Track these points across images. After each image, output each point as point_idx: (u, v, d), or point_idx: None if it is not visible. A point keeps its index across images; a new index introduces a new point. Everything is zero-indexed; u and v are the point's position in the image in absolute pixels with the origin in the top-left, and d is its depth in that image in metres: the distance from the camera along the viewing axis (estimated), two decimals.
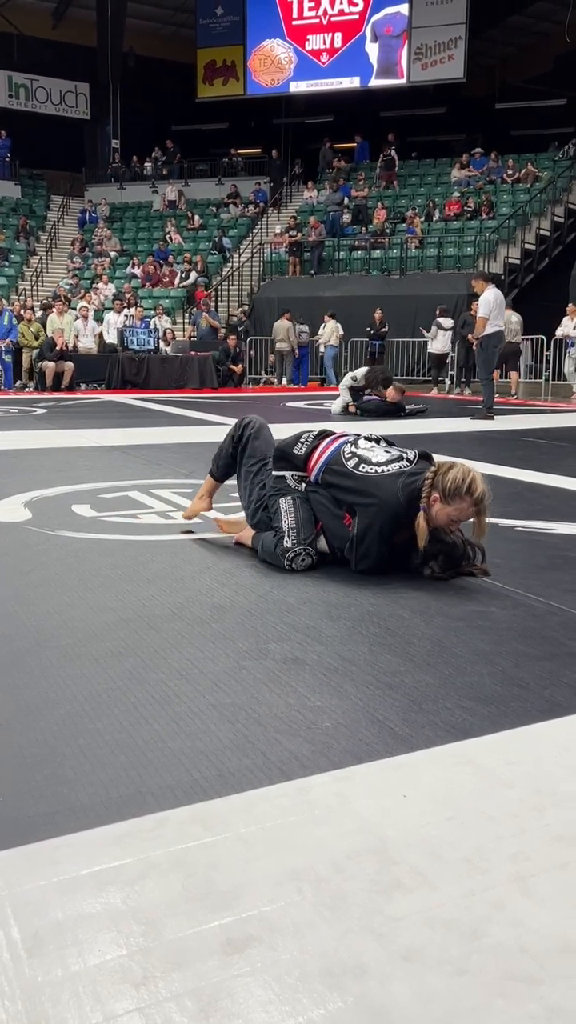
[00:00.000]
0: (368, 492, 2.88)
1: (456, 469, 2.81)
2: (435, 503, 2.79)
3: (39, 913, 1.20)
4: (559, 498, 4.69)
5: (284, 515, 3.06)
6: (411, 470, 2.90)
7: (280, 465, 3.17)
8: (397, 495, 2.82)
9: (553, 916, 1.20)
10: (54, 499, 4.35)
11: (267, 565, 3.10)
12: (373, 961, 1.11)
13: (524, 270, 20.12)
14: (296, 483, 3.12)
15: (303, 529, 3.04)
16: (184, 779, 1.56)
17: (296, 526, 3.04)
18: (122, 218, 24.62)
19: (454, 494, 2.76)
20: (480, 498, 2.78)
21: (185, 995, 1.05)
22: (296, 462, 3.12)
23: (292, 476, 3.13)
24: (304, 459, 3.11)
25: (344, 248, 20.94)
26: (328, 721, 1.81)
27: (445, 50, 23.06)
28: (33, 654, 2.18)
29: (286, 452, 3.17)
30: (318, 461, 3.07)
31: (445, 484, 2.77)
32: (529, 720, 1.83)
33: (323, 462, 3.05)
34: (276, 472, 3.18)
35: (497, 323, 9.57)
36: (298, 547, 3.01)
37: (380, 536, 2.87)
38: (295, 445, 3.16)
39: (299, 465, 3.12)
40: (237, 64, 25.23)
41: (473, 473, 2.80)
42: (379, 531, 2.86)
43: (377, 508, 2.85)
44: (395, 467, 2.92)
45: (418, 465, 2.93)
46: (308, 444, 3.14)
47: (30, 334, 14.83)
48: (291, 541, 3.02)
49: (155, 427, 8.51)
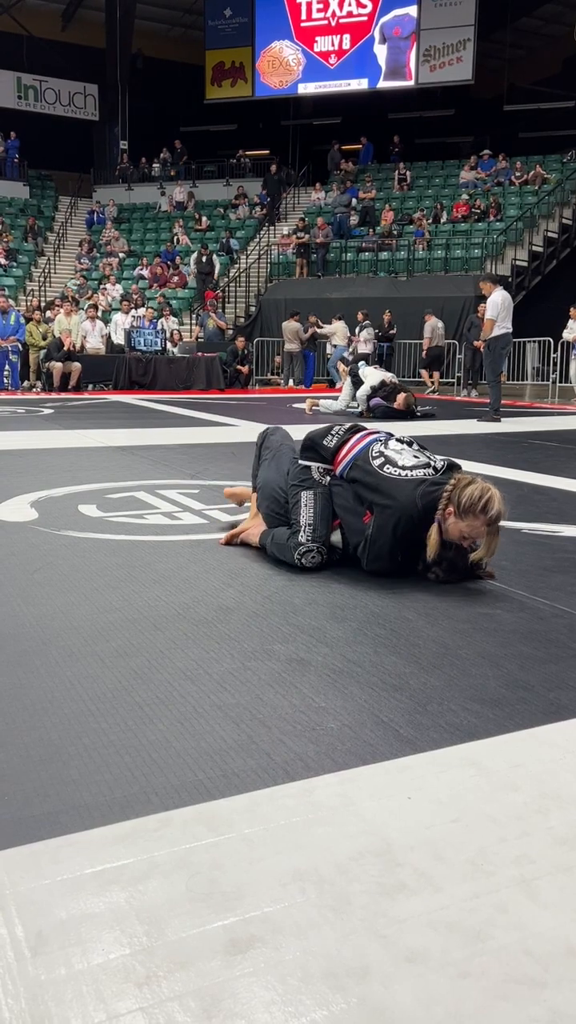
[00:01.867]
0: (388, 493, 2.87)
1: (475, 486, 2.77)
2: (449, 516, 2.77)
3: (43, 912, 1.20)
4: (566, 501, 4.68)
5: (304, 509, 3.04)
6: (434, 479, 2.88)
7: (308, 455, 3.13)
8: (415, 501, 2.80)
9: (557, 919, 1.20)
10: (60, 499, 4.36)
11: (273, 566, 3.10)
12: (376, 963, 1.11)
13: (531, 272, 20.11)
14: (320, 476, 3.09)
15: (319, 526, 3.03)
16: (188, 779, 1.56)
17: (313, 523, 3.03)
18: (130, 219, 24.68)
19: (468, 511, 2.74)
20: (494, 518, 2.75)
21: (188, 995, 1.05)
22: (324, 454, 3.09)
23: (318, 468, 3.09)
24: (333, 452, 3.08)
25: (351, 250, 20.95)
26: (333, 722, 1.80)
27: (454, 52, 23.06)
28: (39, 653, 2.19)
29: (316, 442, 3.13)
30: (347, 456, 3.05)
31: (461, 499, 2.75)
32: (534, 723, 1.83)
33: (351, 457, 3.03)
34: (303, 462, 3.14)
35: (505, 325, 9.56)
36: (311, 543, 3.01)
37: (393, 538, 2.85)
38: (325, 436, 3.13)
39: (327, 457, 3.08)
40: (245, 66, 25.28)
41: (491, 492, 2.76)
42: (392, 534, 2.85)
43: (393, 511, 2.84)
44: (419, 473, 2.91)
45: (443, 475, 2.91)
46: (339, 437, 3.11)
47: (38, 334, 14.86)
48: (306, 536, 3.02)
49: (161, 428, 8.52)
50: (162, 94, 26.73)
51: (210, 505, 4.24)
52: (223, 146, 26.22)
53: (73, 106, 26.01)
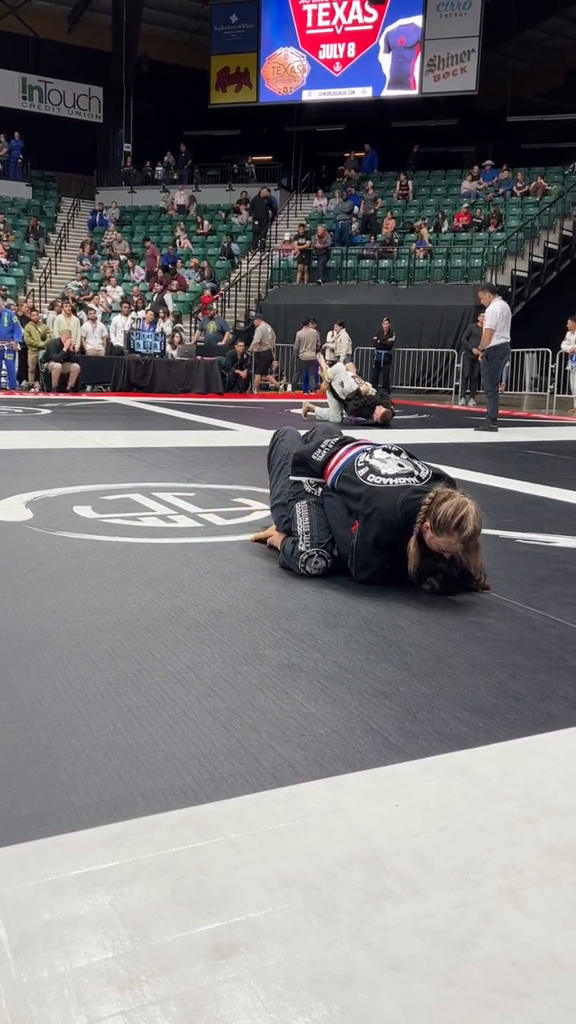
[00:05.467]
0: (369, 501, 2.89)
1: (450, 502, 2.74)
2: (427, 530, 2.76)
3: (27, 913, 1.19)
4: (561, 511, 4.68)
5: (299, 519, 3.10)
6: (417, 487, 2.89)
7: (298, 470, 3.20)
8: (396, 509, 2.81)
9: (544, 929, 1.20)
10: (56, 500, 4.35)
11: (266, 571, 3.10)
12: (361, 970, 1.10)
13: (531, 283, 20.15)
14: (312, 488, 3.15)
15: (317, 532, 3.06)
16: (177, 783, 1.55)
17: (310, 530, 3.06)
18: (132, 221, 24.71)
19: (443, 528, 2.72)
20: (468, 536, 2.72)
21: (170, 999, 1.04)
22: (314, 468, 3.15)
23: (309, 482, 3.16)
24: (322, 465, 3.14)
25: (352, 257, 20.99)
26: (322, 728, 1.80)
27: (458, 62, 23.15)
28: (30, 654, 2.18)
29: (305, 458, 3.20)
30: (334, 467, 3.10)
31: (436, 515, 2.73)
32: (524, 732, 1.83)
33: (338, 469, 3.08)
34: (293, 477, 3.21)
35: (503, 335, 9.59)
36: (311, 549, 3.03)
37: (376, 546, 2.86)
38: (315, 451, 3.19)
39: (317, 471, 3.15)
40: (250, 71, 25.34)
41: (467, 509, 2.72)
42: (374, 541, 2.85)
43: (374, 519, 2.85)
44: (401, 481, 2.92)
45: (428, 484, 2.92)
46: (327, 451, 3.16)
47: (37, 334, 14.86)
48: (305, 544, 3.05)
49: (159, 430, 8.52)
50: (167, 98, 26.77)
51: (205, 508, 4.23)
52: (226, 151, 26.27)
53: (78, 108, 26.05)
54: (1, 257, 21.23)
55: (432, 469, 3.04)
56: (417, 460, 3.11)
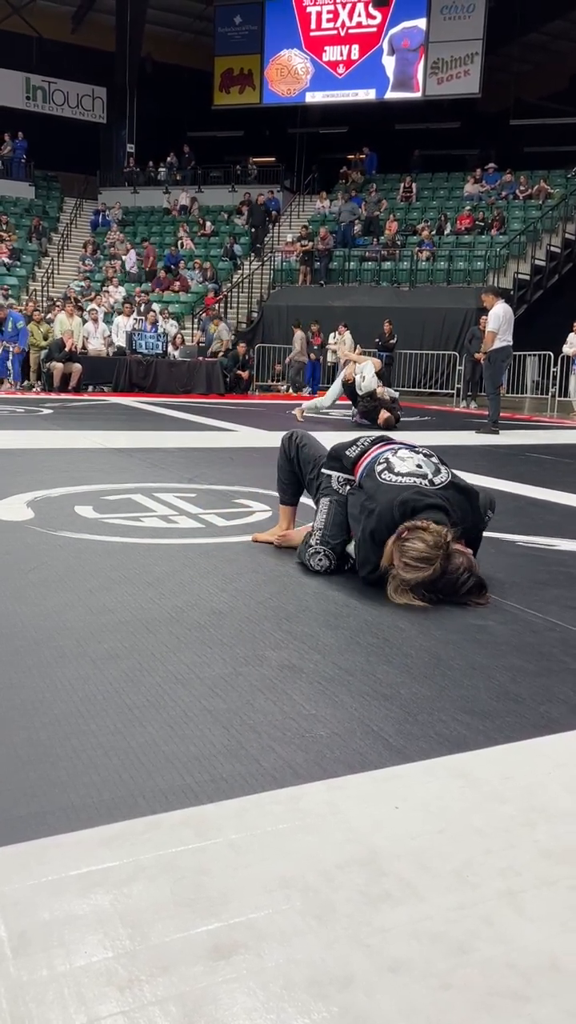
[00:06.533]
0: (373, 496, 2.88)
1: (420, 544, 2.67)
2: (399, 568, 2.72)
3: (27, 913, 1.20)
4: (562, 514, 4.69)
5: (319, 514, 3.11)
6: (423, 488, 2.86)
7: (332, 464, 3.18)
8: (393, 508, 2.79)
9: (542, 933, 1.20)
10: (57, 499, 4.36)
11: (268, 572, 3.10)
12: (359, 972, 1.10)
13: (533, 286, 20.16)
14: (340, 485, 3.12)
15: (329, 531, 3.06)
16: (176, 783, 1.56)
17: (323, 527, 3.07)
18: (134, 222, 24.72)
19: (408, 566, 2.68)
20: (424, 580, 2.69)
21: (169, 1000, 1.04)
22: (347, 464, 3.13)
23: (338, 478, 3.13)
24: (353, 462, 3.12)
25: (354, 259, 21.01)
26: (322, 730, 1.80)
27: (461, 65, 23.18)
28: (31, 653, 2.18)
29: (339, 453, 3.18)
30: (363, 464, 3.09)
31: (404, 549, 2.69)
32: (524, 735, 1.83)
33: (365, 465, 3.07)
34: (325, 470, 3.19)
35: (505, 338, 9.59)
36: (318, 546, 3.04)
37: (372, 541, 2.82)
38: (349, 447, 3.17)
39: (348, 468, 3.13)
40: (254, 73, 25.38)
41: (430, 555, 2.66)
42: (371, 535, 2.82)
43: (372, 515, 2.83)
44: (409, 480, 2.90)
45: (440, 490, 2.87)
46: (361, 448, 3.15)
47: (39, 334, 14.87)
48: (315, 539, 3.07)
49: (160, 431, 8.53)
50: (170, 99, 26.80)
51: (206, 509, 4.24)
52: (229, 152, 26.29)
53: (81, 108, 26.07)
54: (4, 257, 21.24)
55: (451, 478, 2.98)
56: (442, 465, 3.04)
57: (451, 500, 2.89)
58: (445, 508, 2.82)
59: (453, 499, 2.90)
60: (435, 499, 2.83)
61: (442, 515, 2.79)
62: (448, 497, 2.89)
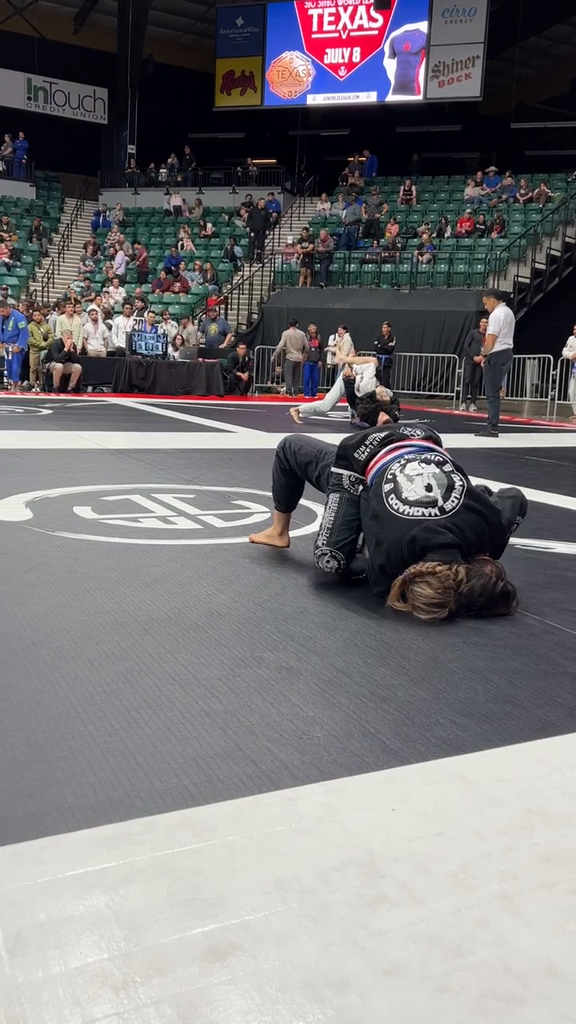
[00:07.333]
0: (382, 527, 2.78)
1: (424, 587, 2.63)
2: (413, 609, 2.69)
3: (22, 913, 1.19)
4: (560, 517, 4.69)
5: (327, 512, 3.01)
6: (431, 525, 2.72)
7: (341, 464, 3.06)
8: (402, 546, 2.71)
9: (538, 937, 1.20)
10: (55, 500, 4.35)
11: (266, 573, 3.10)
12: (355, 974, 1.10)
13: (533, 289, 20.18)
14: (351, 484, 3.00)
15: (337, 531, 2.95)
16: (173, 784, 1.55)
17: (331, 527, 2.97)
18: (135, 223, 24.74)
19: (422, 611, 2.65)
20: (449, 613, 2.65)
21: (164, 1001, 1.04)
22: (355, 466, 3.02)
23: (349, 477, 3.01)
24: (364, 464, 3.00)
25: (355, 261, 21.02)
26: (320, 732, 1.80)
27: (462, 68, 23.22)
28: (28, 654, 2.18)
29: (348, 453, 3.05)
30: (374, 467, 2.97)
31: (416, 595, 2.65)
32: (521, 738, 1.83)
33: (375, 471, 2.95)
34: (335, 469, 3.07)
35: (506, 341, 9.60)
36: (324, 547, 2.95)
37: (383, 573, 2.77)
38: (358, 447, 3.04)
39: (358, 469, 3.01)
40: (255, 75, 25.42)
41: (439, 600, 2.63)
42: (380, 569, 2.78)
43: (382, 549, 2.76)
44: (417, 513, 2.75)
45: (452, 518, 2.75)
46: (370, 449, 3.02)
47: (39, 334, 14.87)
48: (321, 540, 2.97)
49: (159, 432, 8.53)
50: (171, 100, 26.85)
51: (205, 510, 4.23)
52: (231, 154, 26.32)
53: (82, 109, 26.10)
54: (4, 257, 21.24)
55: (464, 498, 2.81)
56: (456, 475, 2.87)
57: (464, 526, 2.76)
58: (456, 543, 2.72)
59: (467, 524, 2.77)
60: (445, 536, 2.71)
61: (453, 553, 2.70)
62: (461, 524, 2.76)
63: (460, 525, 2.76)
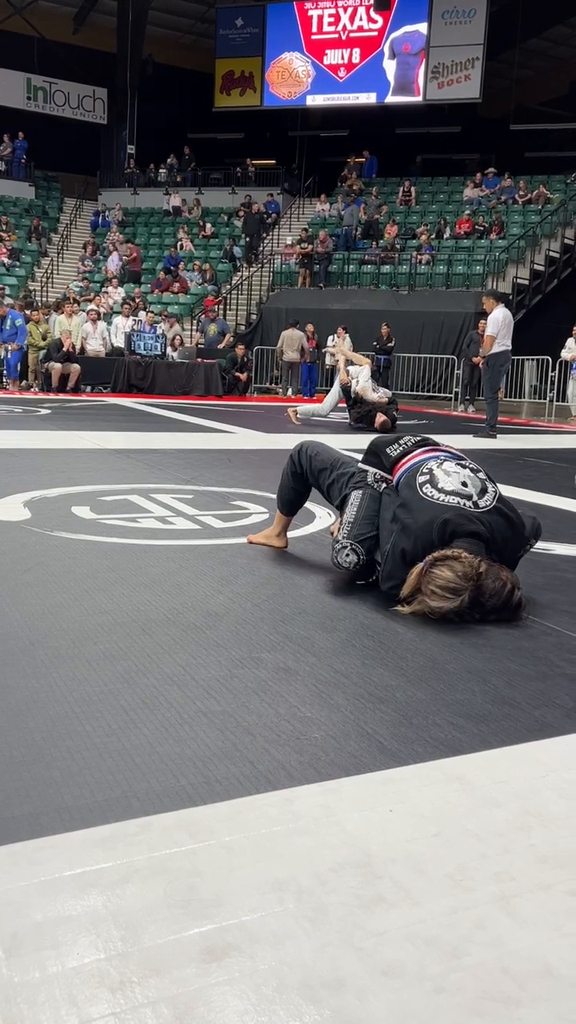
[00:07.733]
0: (411, 512, 2.74)
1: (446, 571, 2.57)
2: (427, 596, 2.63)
3: (19, 913, 1.19)
4: (558, 518, 4.69)
5: (350, 508, 2.94)
6: (463, 512, 2.70)
7: (369, 459, 3.02)
8: (432, 530, 2.67)
9: (535, 938, 1.20)
10: (54, 500, 4.35)
11: (265, 574, 3.10)
12: (351, 975, 1.10)
13: (532, 291, 20.20)
14: (375, 481, 2.97)
15: (359, 525, 2.88)
16: (171, 785, 1.55)
17: (353, 521, 2.90)
18: (134, 223, 24.74)
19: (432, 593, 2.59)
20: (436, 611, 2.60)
21: (161, 1002, 1.04)
22: (386, 462, 2.97)
23: (374, 474, 2.98)
24: (394, 461, 2.96)
25: (354, 262, 21.03)
26: (317, 732, 1.80)
27: (462, 70, 23.24)
28: (25, 654, 2.18)
29: (379, 449, 3.01)
30: (403, 466, 2.94)
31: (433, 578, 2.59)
32: (519, 740, 1.83)
33: (405, 470, 2.92)
34: (362, 465, 3.03)
35: (504, 343, 9.61)
36: (346, 540, 2.87)
37: (403, 560, 2.71)
38: (391, 445, 3.01)
39: (387, 466, 2.97)
40: (255, 75, 25.43)
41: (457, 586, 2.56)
42: (402, 554, 2.72)
43: (409, 532, 2.71)
44: (453, 501, 2.72)
45: (484, 514, 2.74)
46: (403, 448, 2.99)
47: (37, 334, 14.87)
48: (343, 534, 2.90)
49: (158, 432, 8.52)
50: (171, 100, 26.84)
51: (203, 511, 4.23)
52: (230, 154, 26.33)
53: (82, 109, 26.09)
54: (3, 257, 21.24)
55: (496, 501, 2.81)
56: (489, 482, 2.88)
57: (494, 526, 2.75)
58: (486, 537, 2.70)
59: (496, 525, 2.76)
60: (477, 525, 2.69)
61: (480, 545, 2.67)
62: (491, 523, 2.74)
63: (491, 524, 2.75)
